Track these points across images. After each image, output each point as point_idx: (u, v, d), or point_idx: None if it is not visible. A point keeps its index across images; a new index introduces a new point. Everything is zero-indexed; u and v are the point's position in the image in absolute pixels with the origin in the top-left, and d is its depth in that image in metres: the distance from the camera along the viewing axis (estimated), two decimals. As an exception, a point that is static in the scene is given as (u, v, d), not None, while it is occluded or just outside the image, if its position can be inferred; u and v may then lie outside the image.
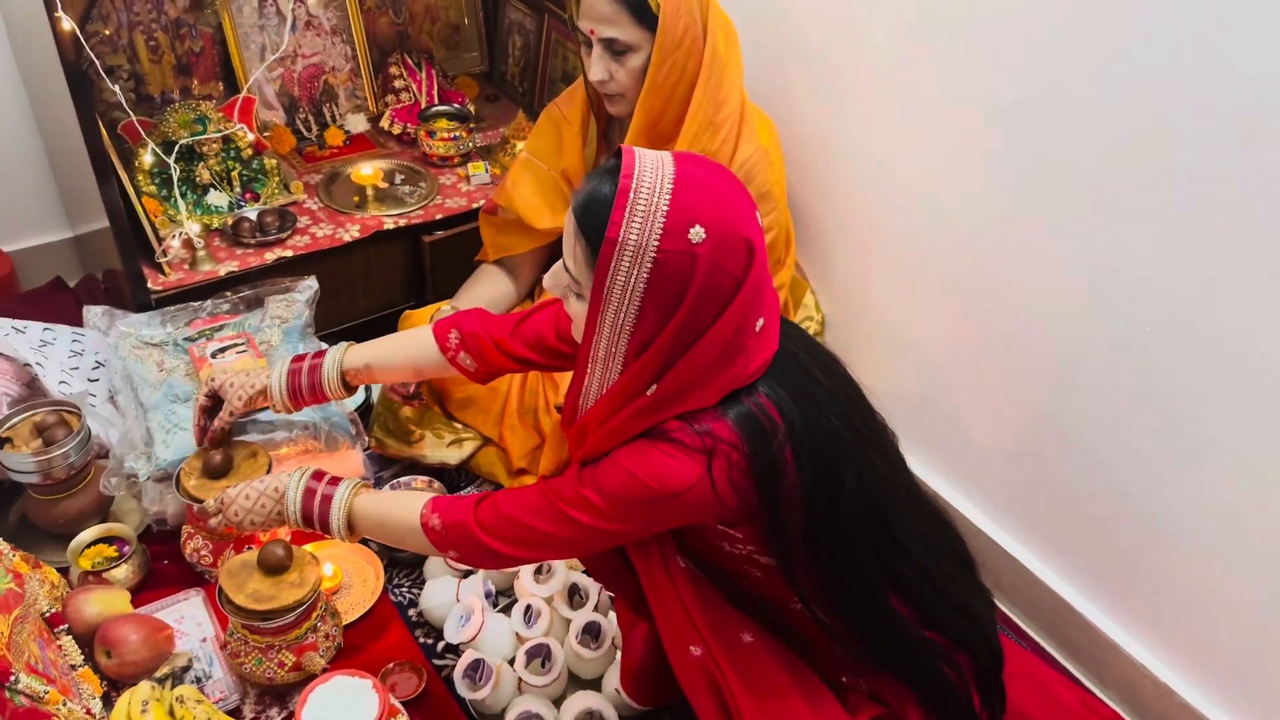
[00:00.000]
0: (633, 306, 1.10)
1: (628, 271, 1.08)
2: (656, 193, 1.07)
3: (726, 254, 1.07)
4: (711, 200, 1.08)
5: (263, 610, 1.40)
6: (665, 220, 1.06)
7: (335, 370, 1.54)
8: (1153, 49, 1.34)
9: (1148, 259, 1.43)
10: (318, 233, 2.12)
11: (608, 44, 1.69)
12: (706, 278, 1.07)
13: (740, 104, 1.80)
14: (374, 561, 1.73)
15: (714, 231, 1.06)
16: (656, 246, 1.06)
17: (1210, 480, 1.45)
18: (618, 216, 1.06)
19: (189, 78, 2.31)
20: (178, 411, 1.74)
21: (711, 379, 1.13)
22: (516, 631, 1.63)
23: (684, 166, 1.09)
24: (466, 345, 1.48)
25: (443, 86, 2.52)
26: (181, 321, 1.91)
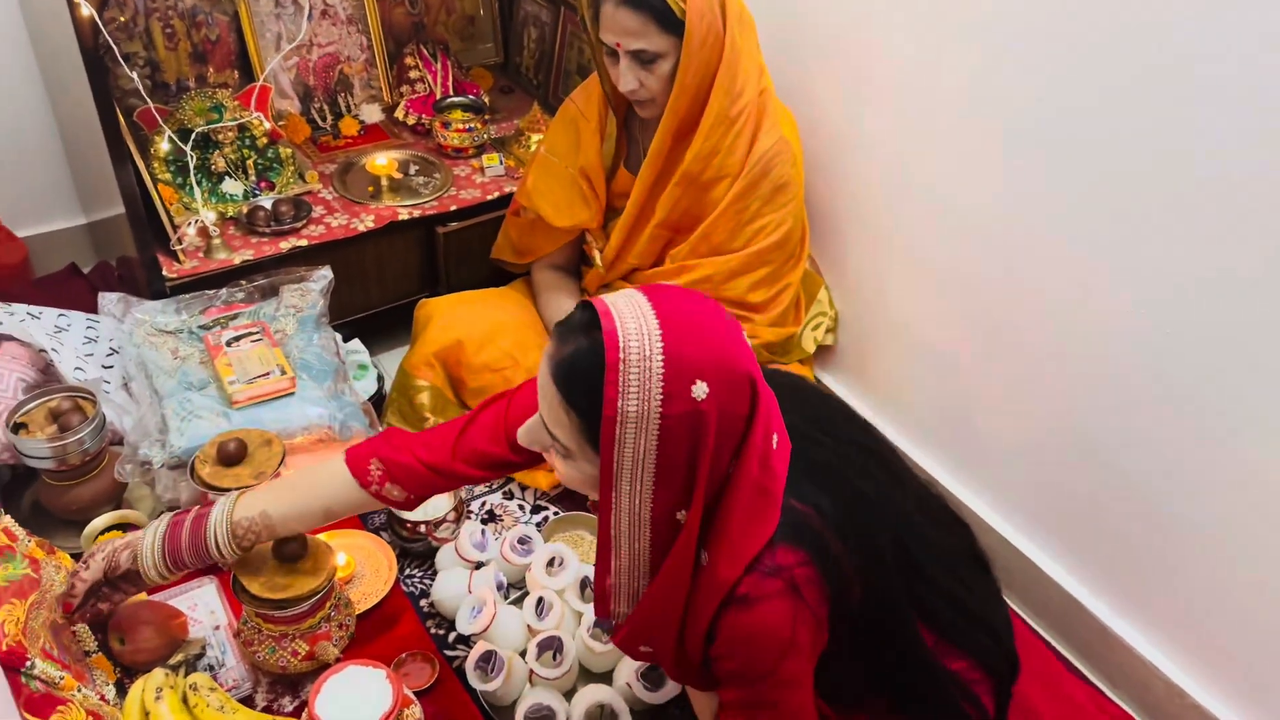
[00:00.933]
0: (648, 475, 1.04)
1: (634, 442, 1.01)
2: (647, 356, 0.99)
3: (732, 398, 1.02)
4: (704, 347, 1.01)
5: (277, 599, 1.40)
6: (664, 385, 0.99)
7: (224, 524, 1.32)
8: (1178, 49, 1.33)
9: (1167, 260, 1.42)
10: (332, 222, 2.12)
11: (636, 55, 1.70)
12: (718, 428, 1.01)
13: (759, 95, 1.80)
14: (387, 552, 1.73)
15: (716, 381, 1.00)
16: (660, 413, 1.00)
17: (1226, 482, 1.44)
18: (612, 393, 1.00)
19: (204, 65, 2.31)
20: (192, 399, 1.74)
21: (757, 517, 1.07)
22: (528, 624, 1.62)
23: (666, 317, 1.02)
24: (394, 475, 1.32)
25: (458, 78, 2.51)
26: (196, 309, 1.91)
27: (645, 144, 1.87)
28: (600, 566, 1.15)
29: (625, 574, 1.14)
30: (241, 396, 1.73)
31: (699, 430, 1.01)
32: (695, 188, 1.83)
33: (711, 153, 1.79)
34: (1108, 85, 1.43)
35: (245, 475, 1.58)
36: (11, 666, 1.21)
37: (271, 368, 1.77)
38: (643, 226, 1.91)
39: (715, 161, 1.80)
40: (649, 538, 1.09)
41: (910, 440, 1.97)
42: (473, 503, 1.93)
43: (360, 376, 2.09)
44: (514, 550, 1.73)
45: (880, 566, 1.15)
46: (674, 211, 1.86)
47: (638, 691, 1.53)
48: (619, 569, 1.14)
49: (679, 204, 1.85)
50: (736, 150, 1.80)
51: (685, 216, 1.87)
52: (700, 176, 1.82)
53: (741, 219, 1.85)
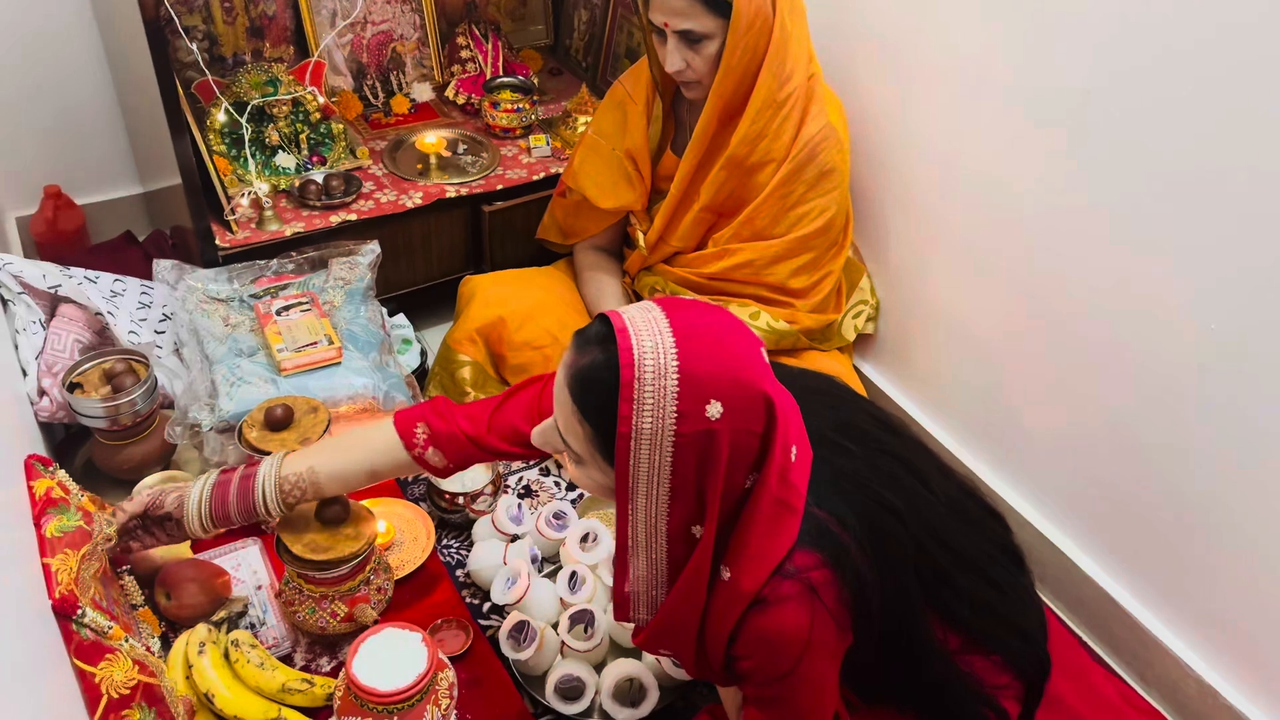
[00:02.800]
0: (663, 490, 1.05)
1: (649, 456, 1.03)
2: (662, 374, 1.00)
3: (746, 417, 1.02)
4: (719, 366, 1.02)
5: (319, 560, 1.43)
6: (678, 404, 1.00)
7: (272, 480, 1.36)
8: (1231, 37, 1.32)
9: (1220, 254, 1.41)
10: (381, 198, 2.15)
11: (683, 35, 1.71)
12: (732, 447, 1.02)
13: (808, 80, 1.81)
14: (425, 520, 1.77)
15: (730, 401, 1.01)
16: (674, 431, 1.01)
17: (1268, 483, 1.43)
18: (626, 410, 1.01)
19: (260, 40, 2.35)
20: (242, 366, 1.78)
21: (777, 530, 1.08)
22: (561, 597, 1.65)
23: (682, 335, 1.03)
24: (436, 441, 1.37)
25: (508, 58, 2.54)
26: (248, 279, 1.95)
27: (692, 127, 1.88)
28: (619, 573, 1.17)
29: (644, 583, 1.15)
30: (289, 364, 1.77)
31: (712, 449, 1.02)
32: (740, 171, 1.84)
33: (758, 136, 1.80)
34: (1163, 71, 1.41)
35: (291, 440, 1.62)
36: (64, 614, 1.25)
37: (319, 337, 1.80)
38: (686, 209, 1.92)
39: (762, 145, 1.81)
40: (666, 549, 1.11)
41: (947, 431, 1.97)
42: (510, 477, 1.96)
43: (404, 351, 2.12)
44: (549, 525, 1.76)
45: (902, 576, 1.15)
46: (719, 195, 1.87)
47: (667, 666, 1.55)
48: (637, 577, 1.15)
49: (724, 187, 1.86)
50: (783, 135, 1.80)
51: (730, 200, 1.88)
52: (746, 160, 1.82)
53: (786, 204, 1.86)
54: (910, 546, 1.16)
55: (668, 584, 1.15)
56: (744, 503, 1.07)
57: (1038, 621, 1.33)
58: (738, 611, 1.10)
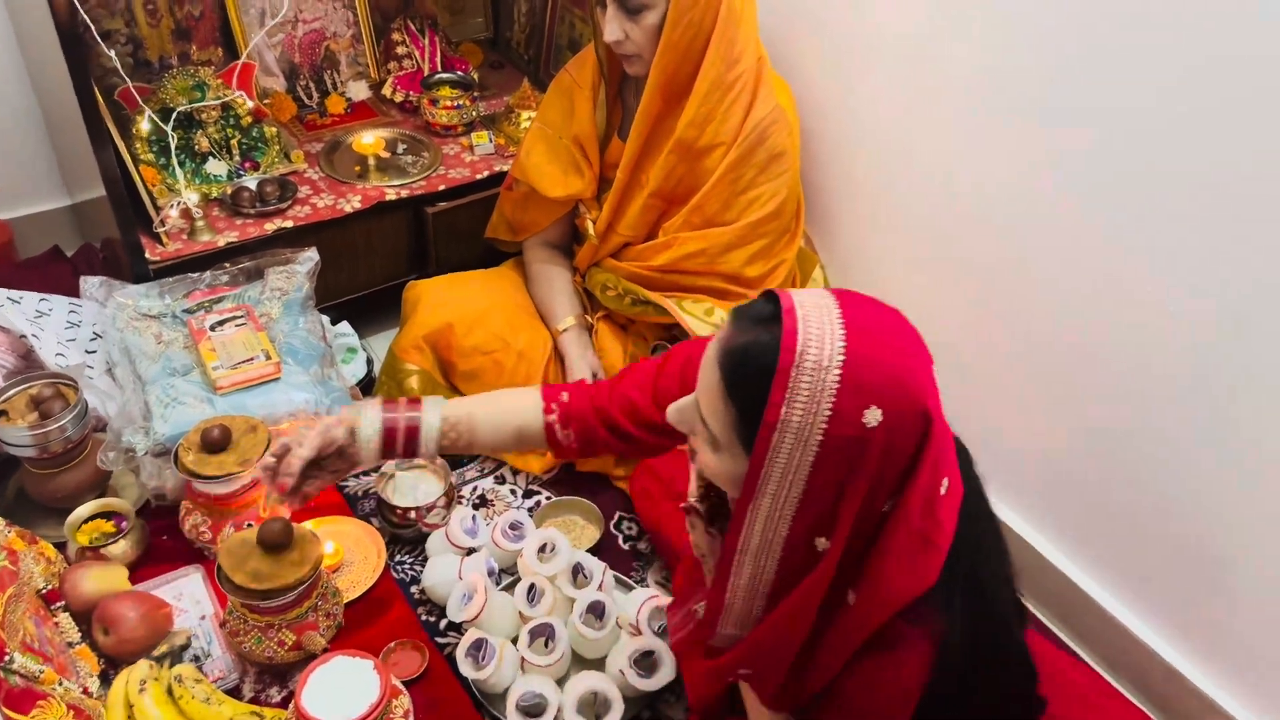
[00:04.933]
0: (795, 491, 0.97)
1: (790, 453, 0.95)
2: (824, 367, 0.92)
3: (903, 432, 0.94)
4: (887, 374, 0.93)
5: (262, 589, 1.38)
6: (834, 402, 0.92)
7: (435, 429, 1.34)
8: (1194, 29, 1.29)
9: (1182, 251, 1.38)
10: (318, 203, 2.08)
11: (621, 3, 1.68)
12: (881, 461, 0.94)
13: (756, 63, 1.78)
14: (376, 538, 1.71)
15: (891, 411, 0.93)
16: (824, 430, 0.93)
17: (1231, 472, 1.42)
18: (778, 398, 0.93)
19: (188, 43, 2.27)
20: (176, 385, 1.71)
21: (915, 567, 1.00)
22: (520, 610, 1.60)
23: (854, 329, 0.94)
24: (569, 411, 1.34)
25: (446, 53, 2.47)
26: (180, 293, 1.88)
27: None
28: (718, 581, 1.08)
29: (743, 594, 1.07)
30: (225, 382, 1.70)
31: (860, 459, 0.94)
32: (690, 155, 1.80)
33: (706, 118, 1.76)
34: (1125, 60, 1.38)
35: (230, 462, 1.55)
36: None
37: (256, 353, 1.73)
38: (634, 195, 1.88)
39: (710, 128, 1.77)
40: (779, 559, 1.03)
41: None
42: (464, 488, 1.91)
43: (349, 360, 2.06)
44: (505, 536, 1.71)
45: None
46: (668, 181, 1.82)
47: (631, 679, 1.51)
48: (737, 587, 1.07)
49: (673, 173, 1.81)
50: (732, 117, 1.77)
51: (680, 186, 1.84)
52: (695, 143, 1.78)
53: (736, 188, 1.82)
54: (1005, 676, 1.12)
55: (767, 599, 1.07)
56: (880, 528, 0.99)
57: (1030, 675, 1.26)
58: (857, 641, 1.03)
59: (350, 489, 1.87)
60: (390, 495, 1.77)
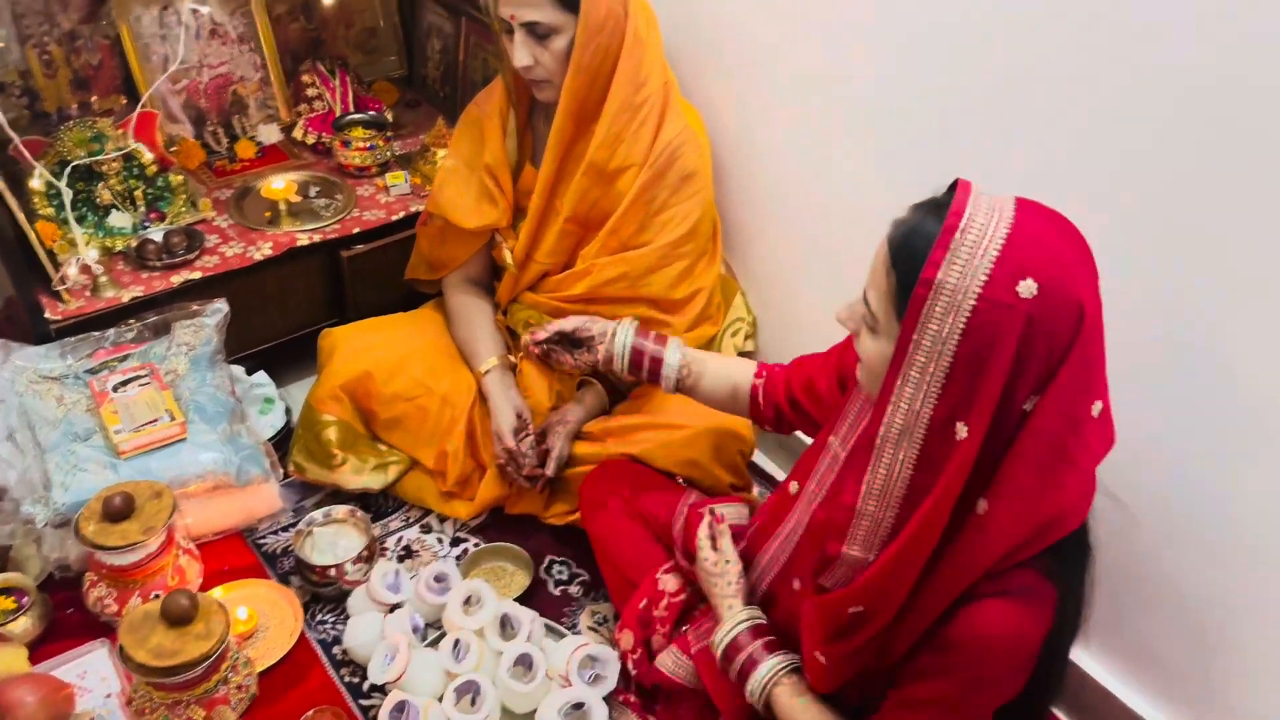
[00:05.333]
0: (944, 362, 0.96)
1: (941, 319, 0.95)
2: (987, 235, 0.94)
3: (1054, 316, 0.93)
4: (1049, 254, 0.94)
5: (166, 666, 1.32)
6: (993, 266, 0.93)
7: (675, 365, 1.51)
8: (1077, 56, 1.30)
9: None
10: (228, 252, 2.02)
11: (530, 28, 1.68)
12: (1025, 339, 0.93)
13: (663, 86, 1.79)
14: (292, 601, 1.65)
15: (1047, 289, 0.92)
16: (978, 294, 0.93)
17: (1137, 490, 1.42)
18: (938, 255, 0.94)
19: (88, 92, 2.21)
20: (77, 451, 1.64)
21: (1053, 480, 0.98)
22: (445, 667, 1.56)
23: (1026, 213, 0.96)
24: (772, 377, 1.48)
25: (359, 93, 2.42)
26: (83, 353, 1.81)
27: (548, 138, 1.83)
28: (851, 480, 1.06)
29: (877, 498, 1.04)
30: (128, 446, 1.64)
31: (1008, 330, 0.93)
32: (602, 178, 1.79)
33: (616, 140, 1.76)
34: (1013, 82, 1.39)
35: (133, 531, 1.49)
36: None
37: (160, 413, 1.67)
38: (550, 222, 1.85)
39: (620, 150, 1.77)
40: (919, 449, 1.00)
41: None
42: (388, 539, 1.86)
43: (267, 411, 2.00)
44: (429, 589, 1.66)
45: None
46: (582, 204, 1.80)
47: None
48: (871, 489, 1.04)
49: (586, 196, 1.80)
50: (641, 138, 1.77)
51: (594, 210, 1.81)
52: (606, 166, 1.77)
53: (650, 210, 1.81)
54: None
55: (900, 504, 1.03)
56: (1020, 428, 0.97)
57: None
58: (985, 561, 1.00)
59: (269, 546, 1.81)
60: (309, 553, 1.72)
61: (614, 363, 1.53)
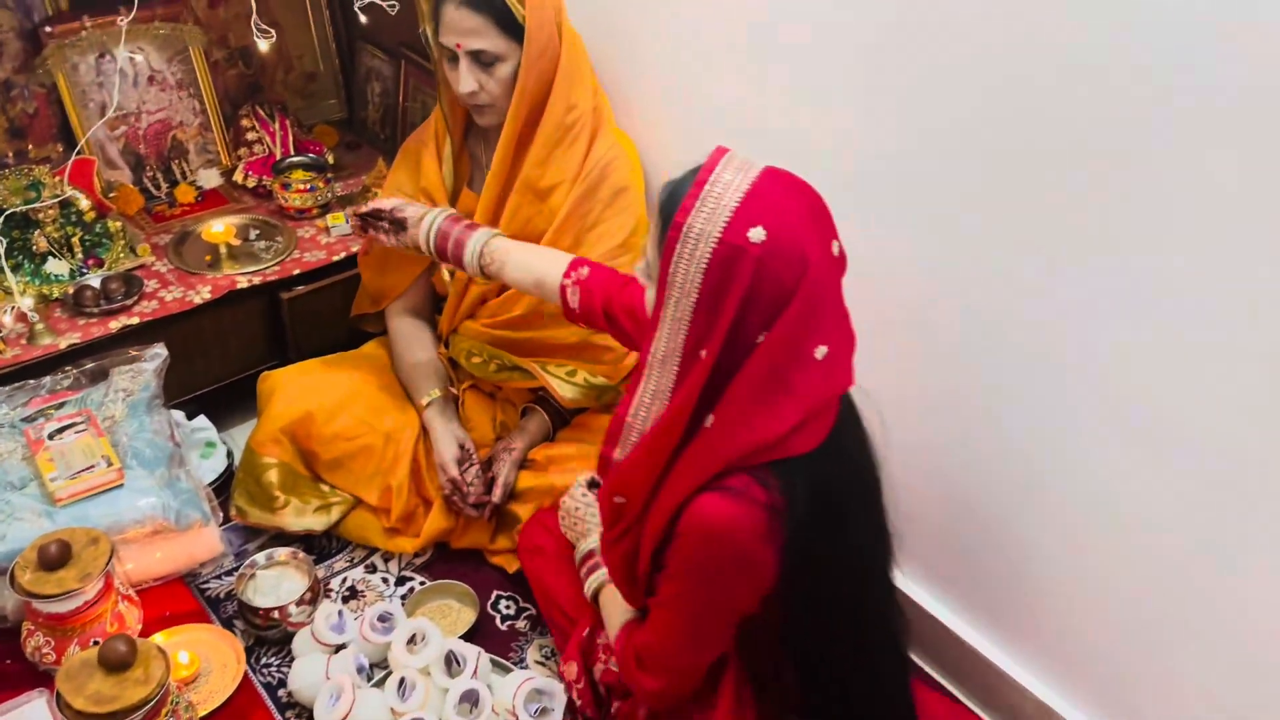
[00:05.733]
0: (690, 299, 1.11)
1: (689, 259, 1.09)
2: (731, 189, 1.09)
3: (780, 261, 1.08)
4: (781, 209, 1.09)
5: (105, 712, 1.30)
6: (731, 215, 1.08)
7: (476, 250, 1.67)
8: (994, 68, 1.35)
9: (986, 273, 1.44)
10: (166, 296, 2.02)
11: (475, 56, 1.73)
12: (755, 279, 1.07)
13: (593, 110, 1.84)
14: (234, 644, 1.64)
15: (774, 236, 1.07)
16: (717, 238, 1.08)
17: (1063, 501, 1.47)
18: (689, 204, 1.09)
19: (24, 140, 2.20)
20: (11, 500, 1.63)
21: (770, 404, 1.12)
22: (391, 707, 1.56)
23: (769, 176, 1.12)
24: (588, 286, 1.56)
25: (299, 137, 2.44)
26: (19, 401, 1.80)
27: (488, 162, 1.86)
28: (627, 399, 1.22)
29: (644, 410, 1.20)
30: (64, 493, 1.63)
31: (739, 269, 1.07)
32: (534, 195, 1.83)
33: (548, 158, 1.81)
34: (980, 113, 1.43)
35: (70, 579, 1.48)
36: None
37: (96, 459, 1.66)
38: None
39: (552, 169, 1.81)
40: (675, 371, 1.15)
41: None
42: (333, 580, 1.85)
43: (208, 455, 1.99)
44: (373, 629, 1.67)
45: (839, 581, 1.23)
46: (515, 222, 1.83)
47: (505, 768, 1.47)
48: (640, 403, 1.20)
49: (519, 213, 1.83)
50: (572, 156, 1.82)
51: (528, 228, 1.84)
52: (538, 183, 1.82)
53: (585, 224, 1.84)
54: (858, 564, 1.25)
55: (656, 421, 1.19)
56: (748, 356, 1.11)
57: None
58: (706, 471, 1.15)
59: (213, 591, 1.80)
60: (251, 596, 1.71)
61: (421, 246, 1.72)
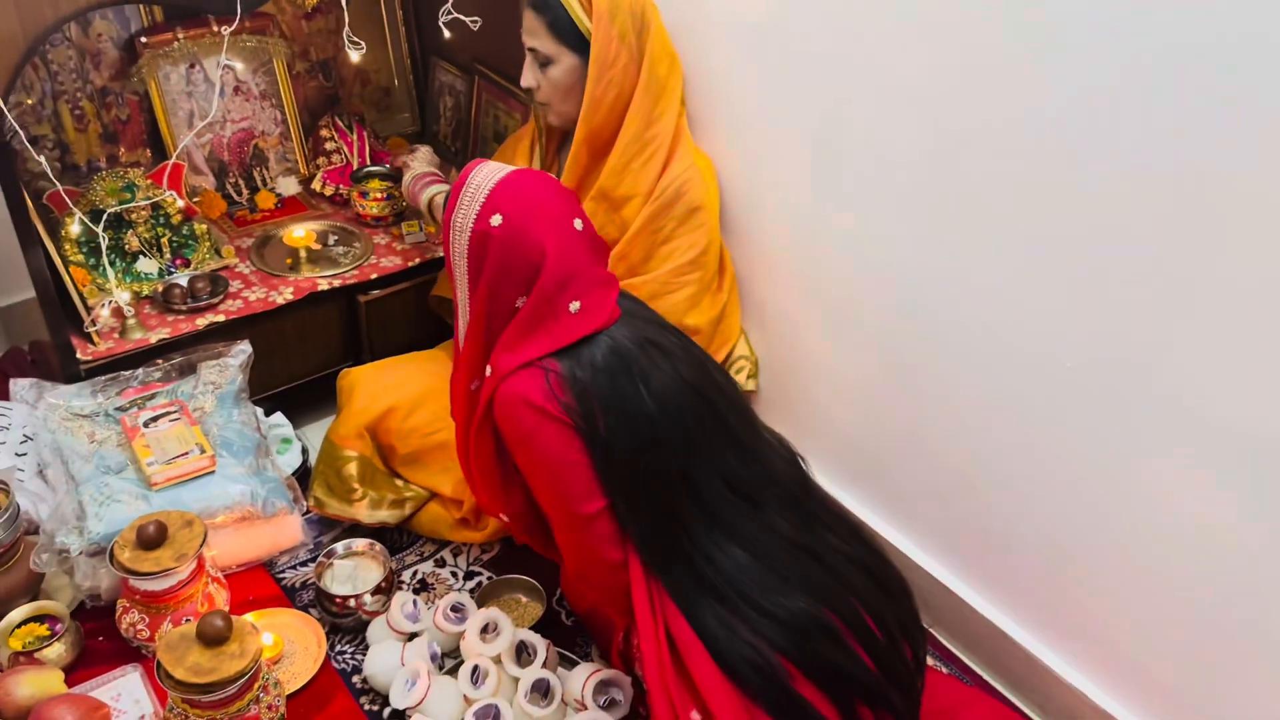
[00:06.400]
0: (463, 278, 1.46)
1: (456, 246, 1.44)
2: (481, 187, 1.42)
3: (518, 242, 1.40)
4: (521, 201, 1.41)
5: (203, 683, 1.36)
6: (480, 208, 1.41)
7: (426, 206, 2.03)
8: (1055, 96, 1.40)
9: (1054, 297, 1.48)
10: (250, 296, 2.11)
11: (533, 54, 1.84)
12: (502, 255, 1.40)
13: (675, 127, 1.90)
14: (316, 629, 1.70)
15: (510, 221, 1.39)
16: (471, 227, 1.42)
17: (1130, 507, 1.49)
18: (451, 203, 1.45)
19: (116, 145, 2.30)
20: (110, 484, 1.70)
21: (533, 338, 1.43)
22: (464, 693, 1.61)
23: (517, 174, 1.44)
24: None
25: (374, 148, 2.53)
26: (113, 392, 1.88)
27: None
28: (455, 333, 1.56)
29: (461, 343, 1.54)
30: (160, 478, 1.70)
31: (488, 250, 1.41)
32: (608, 204, 1.89)
33: (624, 169, 1.87)
34: (1000, 129, 1.48)
35: (166, 558, 1.55)
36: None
37: (190, 447, 1.74)
38: None
39: (627, 180, 1.87)
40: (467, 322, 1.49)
41: (837, 483, 2.00)
42: (404, 573, 1.91)
43: (284, 451, 2.06)
44: (447, 619, 1.72)
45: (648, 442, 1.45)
46: None
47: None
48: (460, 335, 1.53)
49: (593, 219, 1.88)
50: (648, 171, 1.87)
51: (600, 234, 1.89)
52: (613, 192, 1.88)
53: (656, 239, 1.90)
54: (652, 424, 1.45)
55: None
56: (512, 319, 1.44)
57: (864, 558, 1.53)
58: (490, 389, 1.46)
59: (288, 580, 1.86)
60: (328, 584, 1.77)
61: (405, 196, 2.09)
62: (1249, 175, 1.22)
